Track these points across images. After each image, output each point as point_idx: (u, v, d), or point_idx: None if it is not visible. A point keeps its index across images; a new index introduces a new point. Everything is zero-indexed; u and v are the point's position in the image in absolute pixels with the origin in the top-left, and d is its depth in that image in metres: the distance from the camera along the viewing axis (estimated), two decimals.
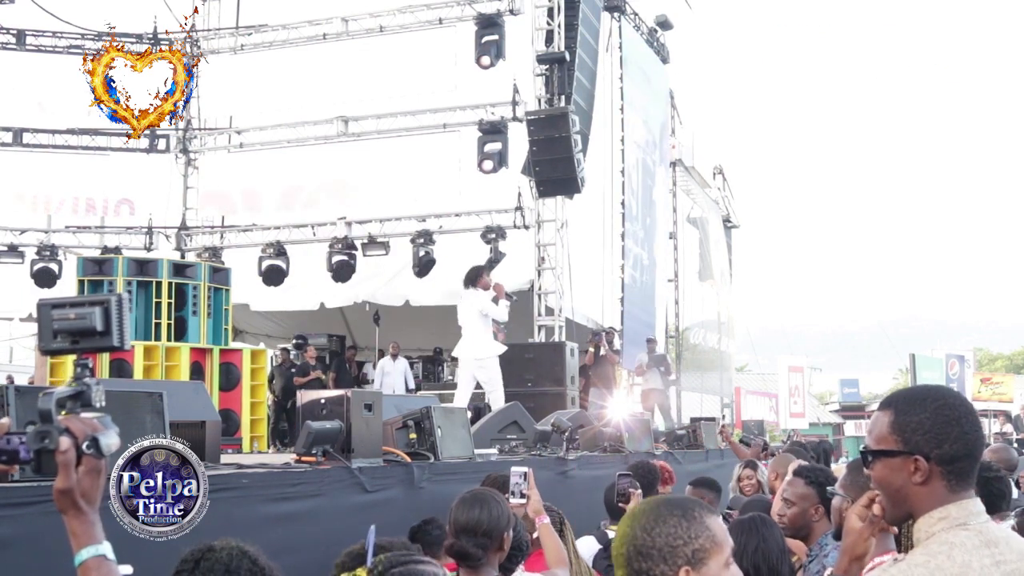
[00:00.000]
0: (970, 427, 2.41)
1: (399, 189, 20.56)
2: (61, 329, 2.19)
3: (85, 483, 1.98)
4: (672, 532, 2.31)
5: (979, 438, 2.44)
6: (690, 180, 28.38)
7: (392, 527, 6.36)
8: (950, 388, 2.53)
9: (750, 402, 38.57)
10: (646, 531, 2.32)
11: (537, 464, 8.60)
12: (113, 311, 2.17)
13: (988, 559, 2.31)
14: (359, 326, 22.37)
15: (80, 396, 2.05)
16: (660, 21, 24.93)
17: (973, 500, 2.41)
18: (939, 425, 2.40)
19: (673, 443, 13.18)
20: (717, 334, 30.05)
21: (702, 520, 2.33)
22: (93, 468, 1.99)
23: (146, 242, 20.94)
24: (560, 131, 16.60)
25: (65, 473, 1.96)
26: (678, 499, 2.46)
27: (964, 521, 2.37)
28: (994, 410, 35.67)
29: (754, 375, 45.87)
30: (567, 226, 18.43)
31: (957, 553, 2.30)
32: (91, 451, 1.97)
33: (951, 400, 2.44)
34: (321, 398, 6.70)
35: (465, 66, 18.43)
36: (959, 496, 2.40)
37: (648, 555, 2.30)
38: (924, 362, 36.06)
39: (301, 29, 20.42)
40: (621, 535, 2.38)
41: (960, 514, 2.38)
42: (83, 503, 1.98)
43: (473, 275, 12.52)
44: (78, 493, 1.97)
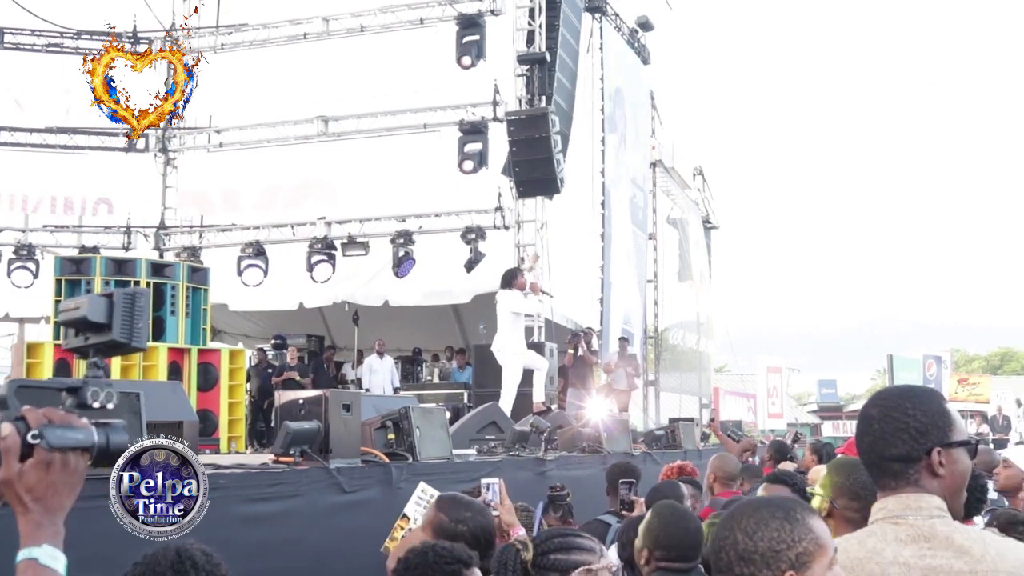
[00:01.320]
0: (860, 434, 2.59)
1: (379, 189, 20.55)
2: (65, 321, 2.12)
3: (30, 476, 1.81)
4: (775, 536, 2.18)
5: (864, 446, 2.57)
6: (670, 181, 28.44)
7: (370, 528, 6.37)
8: (901, 388, 2.62)
9: (729, 402, 38.67)
10: (748, 535, 2.20)
11: (515, 465, 8.62)
12: (118, 304, 2.08)
13: (910, 552, 2.38)
14: (338, 326, 22.36)
15: (76, 392, 1.94)
16: (641, 22, 24.99)
17: (916, 496, 2.47)
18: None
19: (651, 443, 13.21)
20: (696, 335, 30.12)
21: (805, 522, 2.21)
22: (42, 461, 1.81)
23: (124, 242, 20.82)
24: (540, 132, 16.62)
25: (5, 462, 1.80)
26: (779, 500, 2.36)
27: (900, 515, 2.45)
28: (971, 411, 35.93)
29: (733, 375, 45.93)
30: (547, 226, 18.46)
31: (871, 541, 2.40)
32: (37, 441, 1.80)
33: (868, 403, 2.61)
34: (299, 398, 6.70)
35: (446, 66, 18.42)
36: (892, 492, 2.49)
37: (751, 560, 2.19)
38: (901, 363, 36.26)
39: (282, 28, 20.37)
40: (720, 540, 2.27)
41: (896, 507, 2.47)
42: (27, 498, 1.81)
43: (508, 277, 13.00)
44: (22, 487, 1.81)
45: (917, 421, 2.49)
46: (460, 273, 18.52)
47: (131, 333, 2.08)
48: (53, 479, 1.84)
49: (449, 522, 4.06)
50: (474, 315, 19.91)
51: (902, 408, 2.51)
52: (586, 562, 2.80)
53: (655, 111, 27.85)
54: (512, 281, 12.88)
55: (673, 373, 27.82)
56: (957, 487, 2.52)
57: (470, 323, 21.75)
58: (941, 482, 2.48)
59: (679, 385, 27.97)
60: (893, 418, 2.51)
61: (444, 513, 4.08)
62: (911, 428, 2.48)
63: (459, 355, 20.54)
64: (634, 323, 23.79)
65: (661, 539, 4.15)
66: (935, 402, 2.54)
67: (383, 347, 19.65)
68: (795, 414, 47.00)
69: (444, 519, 4.06)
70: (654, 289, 27.19)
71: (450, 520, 4.06)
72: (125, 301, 2.08)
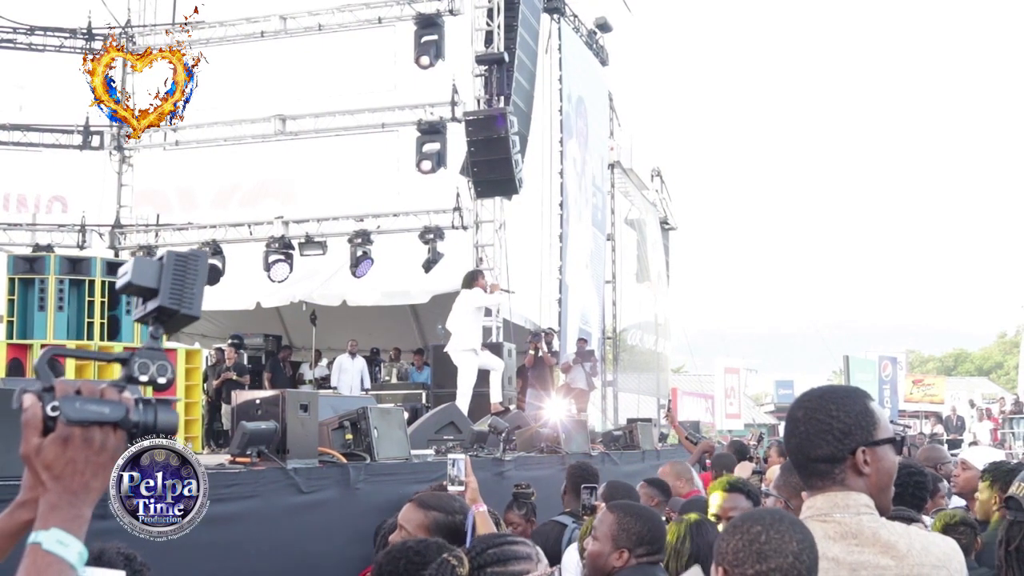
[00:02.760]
0: (788, 436, 2.63)
1: (337, 189, 20.47)
2: (120, 288, 1.93)
3: (49, 452, 1.67)
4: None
5: (792, 447, 2.63)
6: (628, 182, 28.52)
7: (328, 528, 6.35)
8: (824, 390, 2.65)
9: (687, 403, 38.81)
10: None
11: (474, 465, 8.60)
12: (168, 266, 1.88)
13: (839, 548, 2.44)
14: (295, 326, 22.25)
15: (124, 364, 1.79)
16: (599, 24, 25.07)
17: (842, 494, 2.51)
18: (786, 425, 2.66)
19: (610, 444, 13.23)
20: (654, 335, 30.20)
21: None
22: (60, 436, 1.67)
23: (79, 240, 20.63)
24: (498, 132, 16.61)
25: (25, 436, 1.67)
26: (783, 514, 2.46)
27: (827, 513, 2.50)
28: (925, 411, 36.30)
29: (691, 376, 46.16)
30: (505, 227, 18.46)
31: None
32: (55, 413, 1.66)
33: (793, 405, 2.65)
34: (256, 398, 6.64)
35: (404, 66, 18.39)
36: (819, 490, 2.54)
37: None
38: (858, 364, 36.51)
39: (239, 26, 20.23)
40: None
41: (824, 506, 2.52)
42: (46, 476, 1.67)
43: (469, 278, 13.34)
44: (40, 463, 1.67)
45: (840, 422, 2.53)
46: (418, 273, 18.50)
47: (181, 298, 1.89)
48: (72, 455, 1.69)
49: (447, 517, 4.12)
50: (432, 315, 19.85)
51: (826, 410, 2.55)
52: (525, 571, 2.70)
53: (613, 112, 27.93)
54: (473, 281, 13.10)
55: (631, 374, 27.90)
56: (884, 484, 2.58)
57: (428, 323, 21.71)
58: (867, 480, 2.53)
59: (637, 386, 28.04)
60: (818, 420, 2.55)
61: (437, 511, 4.15)
62: (835, 429, 2.53)
63: (416, 355, 20.50)
64: (592, 323, 23.84)
65: (645, 536, 4.18)
66: (859, 402, 2.59)
67: (355, 347, 19.66)
68: (753, 414, 47.31)
69: (439, 516, 4.12)
70: (612, 290, 27.28)
71: (447, 514, 4.14)
72: (177, 264, 1.90)
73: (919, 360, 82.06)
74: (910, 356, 62.93)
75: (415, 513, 4.18)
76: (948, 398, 38.13)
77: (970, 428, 32.17)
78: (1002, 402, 33.57)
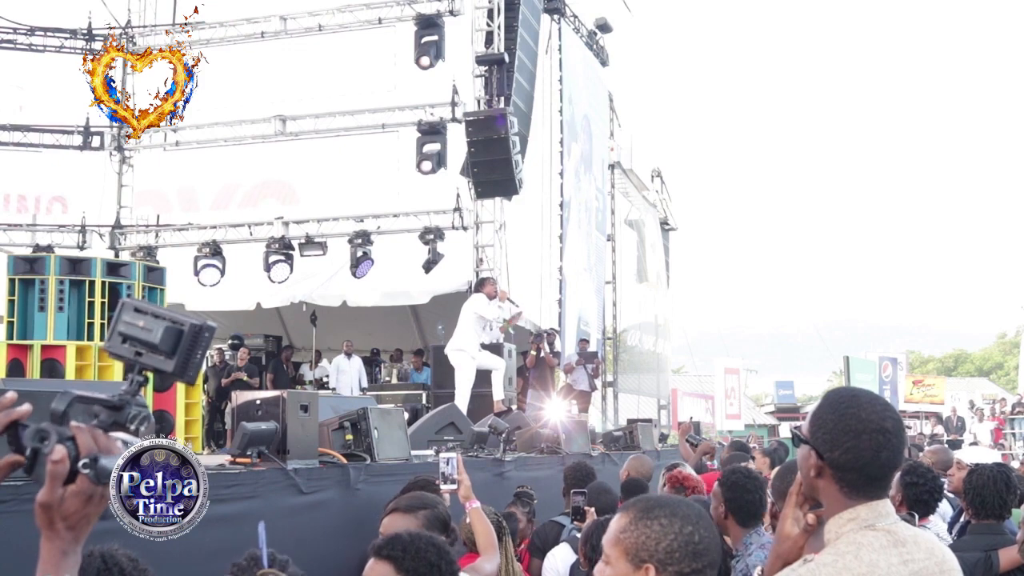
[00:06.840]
0: (868, 444, 2.46)
1: (337, 189, 20.45)
2: (128, 335, 2.02)
3: (70, 505, 1.72)
4: None
5: (875, 458, 2.47)
6: (628, 183, 28.50)
7: (328, 529, 6.34)
8: (878, 401, 2.54)
9: (686, 404, 38.74)
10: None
11: (474, 465, 8.60)
12: (187, 338, 2.02)
13: (896, 558, 2.40)
14: (296, 326, 22.25)
15: (117, 410, 1.86)
16: (600, 24, 25.06)
17: (883, 502, 2.49)
18: (837, 431, 2.48)
19: (610, 444, 13.23)
20: (654, 336, 30.18)
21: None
22: (83, 490, 1.73)
23: (79, 240, 20.62)
24: (498, 132, 16.60)
25: (50, 486, 1.70)
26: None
27: (872, 522, 2.45)
28: (926, 412, 36.27)
29: (690, 377, 46.11)
30: (505, 227, 18.45)
31: (864, 553, 2.38)
32: (87, 471, 1.72)
33: (863, 414, 2.48)
34: (256, 399, 6.63)
35: (404, 66, 18.37)
36: (859, 500, 2.47)
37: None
38: (858, 364, 36.54)
39: (239, 27, 20.22)
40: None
41: (869, 515, 2.46)
42: (61, 526, 1.72)
43: (478, 284, 13.90)
44: (59, 514, 1.71)
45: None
46: (418, 274, 18.48)
47: (185, 369, 2.01)
48: (90, 511, 1.77)
49: (433, 511, 4.16)
50: (432, 316, 19.86)
51: (900, 419, 2.58)
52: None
53: (613, 113, 27.92)
54: (480, 287, 13.41)
55: (631, 374, 27.88)
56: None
57: (428, 324, 21.70)
58: None
59: (637, 386, 28.02)
60: (902, 430, 2.55)
61: (423, 509, 4.23)
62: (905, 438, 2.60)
63: (416, 356, 20.50)
64: (592, 324, 23.82)
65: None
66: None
67: (351, 348, 19.69)
68: (753, 415, 47.25)
69: (428, 513, 4.16)
70: (612, 291, 27.27)
71: (431, 508, 4.18)
72: (192, 335, 2.04)
73: (919, 361, 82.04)
74: (910, 357, 62.86)
75: (403, 520, 4.20)
76: (948, 399, 38.08)
77: (970, 429, 32.19)
78: (1003, 403, 33.60)
